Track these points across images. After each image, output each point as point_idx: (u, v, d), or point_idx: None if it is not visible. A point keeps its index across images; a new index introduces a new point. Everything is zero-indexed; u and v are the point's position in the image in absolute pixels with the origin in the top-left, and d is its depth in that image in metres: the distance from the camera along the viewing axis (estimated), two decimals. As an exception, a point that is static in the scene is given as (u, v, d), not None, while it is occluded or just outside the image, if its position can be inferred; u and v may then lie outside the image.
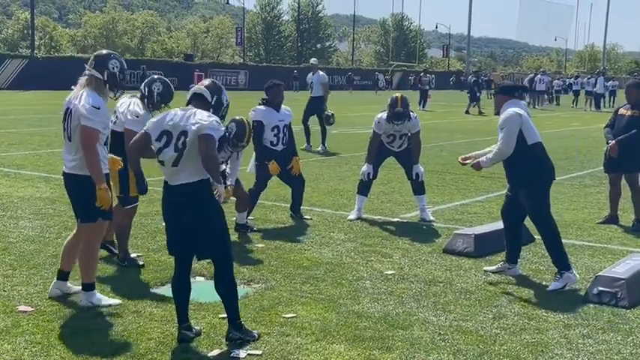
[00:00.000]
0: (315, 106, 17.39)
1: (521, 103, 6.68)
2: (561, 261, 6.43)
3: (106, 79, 5.60)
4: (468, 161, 6.92)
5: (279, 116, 8.76)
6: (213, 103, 5.25)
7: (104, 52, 5.86)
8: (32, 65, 50.33)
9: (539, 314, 5.70)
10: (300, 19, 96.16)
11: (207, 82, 5.62)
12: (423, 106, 35.86)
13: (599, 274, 6.23)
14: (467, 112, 33.69)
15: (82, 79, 5.64)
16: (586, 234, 8.61)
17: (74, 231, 5.87)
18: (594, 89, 39.53)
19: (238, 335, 4.89)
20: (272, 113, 8.74)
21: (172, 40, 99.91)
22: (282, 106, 8.85)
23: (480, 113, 32.46)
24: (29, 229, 8.08)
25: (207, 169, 4.70)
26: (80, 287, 5.70)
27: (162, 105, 6.70)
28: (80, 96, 5.50)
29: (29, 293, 5.85)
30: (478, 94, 34.47)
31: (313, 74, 17.71)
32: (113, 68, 5.65)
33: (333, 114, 17.12)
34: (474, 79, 35.89)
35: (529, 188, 6.50)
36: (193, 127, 4.73)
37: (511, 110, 6.46)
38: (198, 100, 5.05)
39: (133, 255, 6.95)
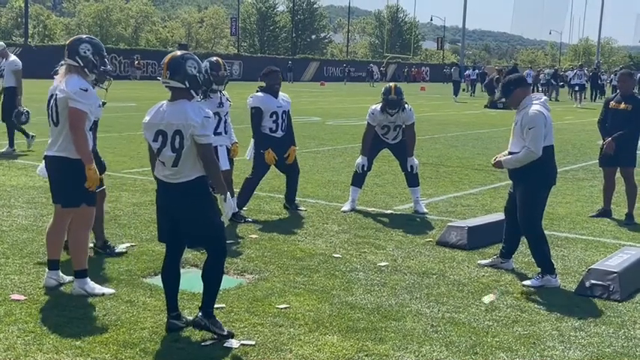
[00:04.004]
0: (12, 99, 13.52)
1: (542, 99, 6.43)
2: (545, 265, 6.29)
3: (82, 64, 5.58)
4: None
5: (277, 102, 8.66)
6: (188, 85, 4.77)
7: (75, 38, 5.77)
8: (26, 54, 50.12)
9: (532, 307, 5.71)
10: (295, 9, 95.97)
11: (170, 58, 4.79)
12: (457, 95, 38.67)
13: (592, 267, 6.24)
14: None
15: (62, 68, 5.65)
16: (579, 227, 8.63)
17: (52, 218, 5.86)
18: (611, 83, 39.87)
19: (205, 322, 4.79)
20: (270, 99, 8.63)
21: (167, 29, 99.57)
22: (280, 93, 8.77)
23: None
24: (22, 217, 8.07)
25: (210, 175, 4.78)
26: (73, 277, 5.69)
27: (105, 59, 5.83)
28: (65, 82, 5.50)
29: (22, 282, 5.85)
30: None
31: (6, 60, 13.55)
32: (85, 52, 5.59)
33: (28, 111, 13.43)
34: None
35: (527, 188, 6.33)
36: (188, 131, 4.65)
37: (536, 109, 6.23)
38: (178, 91, 4.76)
39: (124, 245, 6.94)
